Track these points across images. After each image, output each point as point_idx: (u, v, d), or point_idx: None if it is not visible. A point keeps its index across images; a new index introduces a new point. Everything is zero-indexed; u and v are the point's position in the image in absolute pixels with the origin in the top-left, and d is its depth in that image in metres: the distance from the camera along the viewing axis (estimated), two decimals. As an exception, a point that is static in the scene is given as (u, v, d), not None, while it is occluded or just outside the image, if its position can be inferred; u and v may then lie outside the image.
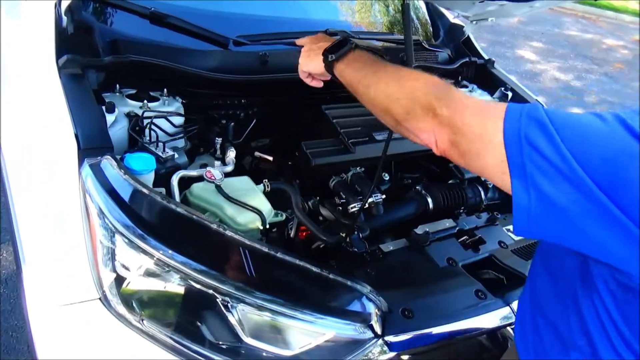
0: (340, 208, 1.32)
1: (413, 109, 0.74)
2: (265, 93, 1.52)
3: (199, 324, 0.96)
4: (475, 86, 2.02)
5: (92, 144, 1.04)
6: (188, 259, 0.92)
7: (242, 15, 1.62)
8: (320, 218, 1.36)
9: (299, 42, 1.11)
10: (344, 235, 1.18)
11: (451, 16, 2.16)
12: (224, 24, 1.49)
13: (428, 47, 1.89)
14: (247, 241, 0.98)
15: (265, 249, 0.98)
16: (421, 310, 1.06)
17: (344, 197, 1.32)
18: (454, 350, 1.15)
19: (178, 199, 1.12)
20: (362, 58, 0.91)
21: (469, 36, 2.10)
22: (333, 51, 0.94)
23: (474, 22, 2.04)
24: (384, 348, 1.01)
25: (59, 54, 1.19)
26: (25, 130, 1.17)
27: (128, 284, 0.94)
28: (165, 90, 1.35)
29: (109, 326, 0.92)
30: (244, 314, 0.94)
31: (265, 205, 1.16)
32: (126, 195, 0.97)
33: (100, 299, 0.93)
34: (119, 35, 1.37)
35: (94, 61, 1.23)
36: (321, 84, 1.10)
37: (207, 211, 1.12)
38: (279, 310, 0.94)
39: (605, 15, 9.43)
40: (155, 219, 0.99)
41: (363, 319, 1.00)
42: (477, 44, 2.14)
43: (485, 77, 2.05)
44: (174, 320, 0.97)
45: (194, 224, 0.98)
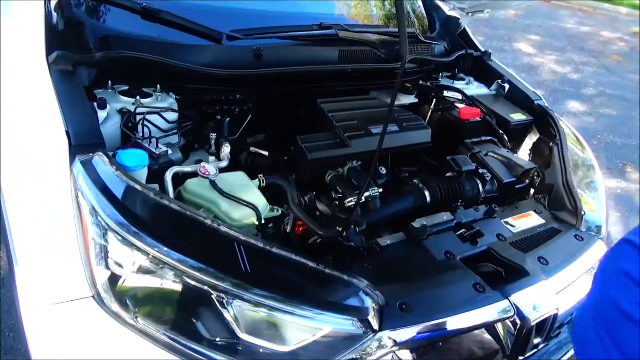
0: (337, 202, 1.31)
1: None
2: (260, 87, 1.51)
3: (194, 320, 0.95)
4: (471, 78, 2.01)
5: (84, 141, 1.03)
6: (182, 255, 0.91)
7: (236, 9, 1.60)
8: (317, 213, 1.35)
9: None
10: (340, 230, 1.17)
11: (447, 8, 2.14)
12: (217, 18, 1.47)
13: (424, 40, 1.88)
14: (242, 236, 0.97)
15: (261, 244, 0.97)
16: (419, 304, 1.05)
17: (341, 192, 1.31)
18: (452, 343, 1.14)
19: (172, 195, 1.11)
20: None
21: (465, 28, 2.09)
22: None
23: (470, 14, 2.03)
24: (382, 342, 1.00)
25: (49, 51, 1.18)
26: (15, 127, 1.15)
27: (121, 282, 0.93)
28: (158, 86, 1.33)
29: (103, 324, 0.91)
30: (240, 310, 0.93)
31: (260, 200, 1.15)
32: (118, 192, 0.96)
33: (93, 297, 0.92)
34: (110, 31, 1.35)
35: (85, 57, 1.21)
36: None
37: (202, 207, 1.11)
38: (275, 306, 0.93)
39: (601, 8, 9.43)
40: (148, 216, 0.97)
41: (360, 313, 0.98)
42: (474, 36, 2.13)
43: (482, 70, 2.04)
44: (168, 318, 0.96)
45: (188, 220, 0.97)
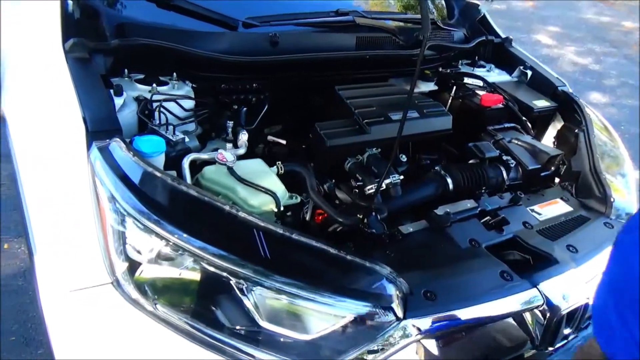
0: (357, 190, 1.28)
1: None
2: (276, 74, 1.49)
3: (214, 308, 0.93)
4: (492, 65, 1.96)
5: (100, 127, 1.01)
6: (202, 242, 0.89)
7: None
8: (336, 201, 1.32)
9: None
10: (361, 217, 1.14)
11: (466, -5, 2.09)
12: (233, 5, 1.45)
13: (443, 27, 1.83)
14: (262, 223, 0.94)
15: (281, 231, 0.95)
16: (444, 292, 1.02)
17: (360, 179, 1.27)
18: (479, 333, 1.10)
19: (189, 181, 1.09)
20: None
21: (484, 15, 2.04)
22: None
23: (490, 0, 1.97)
24: (406, 331, 0.97)
25: (65, 38, 1.17)
26: (33, 115, 1.15)
27: (140, 268, 0.91)
28: (174, 74, 1.32)
29: (122, 311, 0.90)
30: (261, 298, 0.91)
31: (279, 187, 1.12)
32: (136, 178, 0.95)
33: (112, 284, 0.91)
34: (126, 19, 1.34)
35: (101, 44, 1.20)
36: None
37: (220, 194, 1.09)
38: (296, 293, 0.91)
39: (622, -2, 9.17)
40: (167, 202, 0.95)
41: (383, 301, 0.95)
42: (494, 22, 2.07)
43: (503, 56, 1.99)
44: (188, 305, 0.94)
45: (207, 206, 0.95)
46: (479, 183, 1.39)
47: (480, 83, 1.77)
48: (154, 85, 1.25)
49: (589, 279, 1.17)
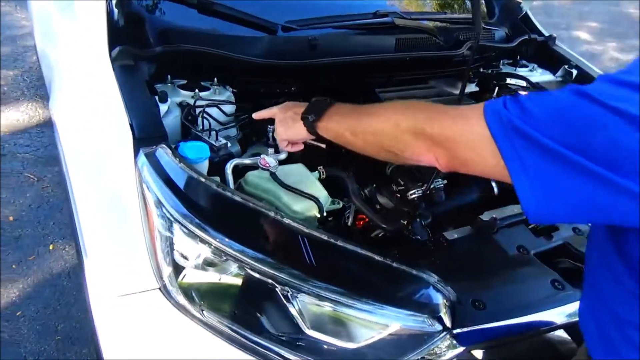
0: (399, 195, 1.26)
1: (404, 139, 0.76)
2: (316, 78, 1.48)
3: (259, 314, 0.92)
4: (535, 65, 1.89)
5: (147, 133, 1.03)
6: (246, 247, 0.89)
7: (290, 0, 1.58)
8: (378, 206, 1.30)
9: (262, 115, 1.12)
10: (405, 223, 1.12)
11: (506, -7, 2.03)
12: (272, 10, 1.46)
13: (484, 26, 1.79)
14: (306, 229, 0.94)
15: (325, 237, 0.94)
16: (493, 302, 0.98)
17: (403, 184, 1.25)
18: (529, 344, 1.07)
19: (233, 187, 1.09)
20: (341, 110, 0.93)
21: (526, 12, 1.97)
22: (311, 112, 0.95)
23: (533, -2, 1.91)
24: (454, 342, 0.94)
25: (111, 47, 1.19)
26: (82, 122, 1.18)
27: (187, 274, 0.92)
28: (215, 79, 1.33)
29: (169, 316, 0.91)
30: (304, 305, 0.90)
31: (321, 193, 1.11)
32: (182, 183, 0.95)
33: (160, 289, 0.92)
34: (168, 25, 1.36)
35: (146, 51, 1.22)
36: (302, 146, 1.12)
37: (263, 199, 1.09)
38: (342, 301, 0.89)
39: (667, -10, 8.77)
40: (212, 207, 0.96)
41: (431, 310, 0.93)
42: (536, 20, 2.01)
43: (546, 55, 1.92)
44: (233, 311, 0.94)
45: (251, 212, 0.94)
46: (526, 187, 1.34)
47: (523, 83, 1.72)
48: (197, 90, 1.26)
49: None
